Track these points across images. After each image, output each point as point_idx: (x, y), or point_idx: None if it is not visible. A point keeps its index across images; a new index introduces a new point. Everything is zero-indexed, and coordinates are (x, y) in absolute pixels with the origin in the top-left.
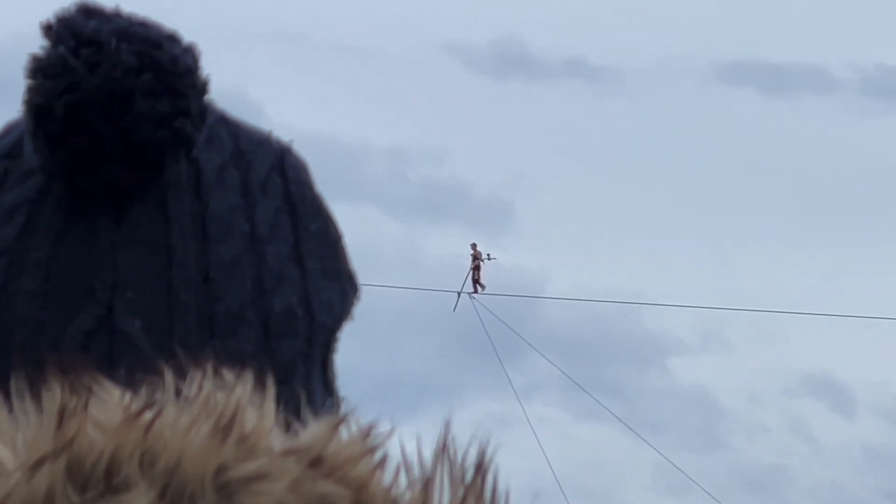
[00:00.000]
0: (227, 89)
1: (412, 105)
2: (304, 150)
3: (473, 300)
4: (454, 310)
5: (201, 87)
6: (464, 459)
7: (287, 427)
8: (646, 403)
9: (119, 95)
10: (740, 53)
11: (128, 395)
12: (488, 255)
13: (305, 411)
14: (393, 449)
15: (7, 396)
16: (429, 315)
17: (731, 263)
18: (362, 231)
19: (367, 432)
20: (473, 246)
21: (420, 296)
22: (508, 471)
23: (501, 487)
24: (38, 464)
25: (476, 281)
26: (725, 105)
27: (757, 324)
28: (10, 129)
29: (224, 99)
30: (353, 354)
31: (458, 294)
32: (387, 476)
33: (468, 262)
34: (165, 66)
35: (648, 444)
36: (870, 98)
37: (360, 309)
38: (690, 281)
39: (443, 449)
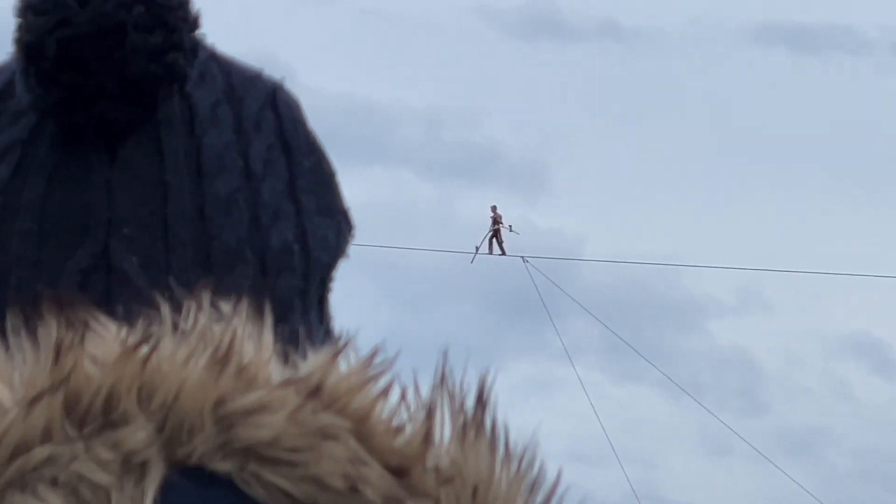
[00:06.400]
0: (258, 52)
1: (446, 68)
2: (336, 113)
3: (527, 263)
4: (471, 261)
5: (193, 22)
6: (462, 391)
7: (286, 359)
8: (685, 365)
9: (111, 30)
10: (771, 14)
11: (124, 330)
12: (510, 226)
13: (304, 346)
14: (393, 381)
15: (4, 336)
16: (464, 278)
17: (770, 224)
18: (397, 194)
19: (367, 363)
20: (493, 208)
21: (454, 258)
22: (550, 433)
23: (501, 420)
24: (35, 400)
25: (499, 243)
26: (757, 65)
27: (797, 285)
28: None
29: (255, 62)
30: (386, 316)
31: (476, 248)
32: (388, 407)
33: (497, 225)
34: None
35: (700, 404)
36: None
37: (395, 271)
38: (729, 242)
39: (441, 381)
